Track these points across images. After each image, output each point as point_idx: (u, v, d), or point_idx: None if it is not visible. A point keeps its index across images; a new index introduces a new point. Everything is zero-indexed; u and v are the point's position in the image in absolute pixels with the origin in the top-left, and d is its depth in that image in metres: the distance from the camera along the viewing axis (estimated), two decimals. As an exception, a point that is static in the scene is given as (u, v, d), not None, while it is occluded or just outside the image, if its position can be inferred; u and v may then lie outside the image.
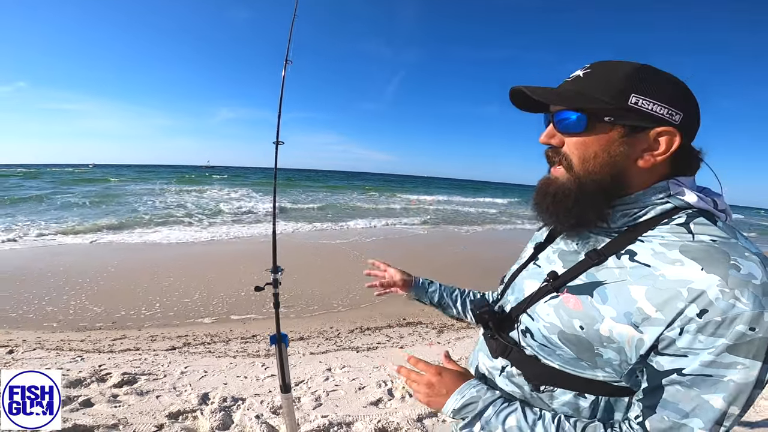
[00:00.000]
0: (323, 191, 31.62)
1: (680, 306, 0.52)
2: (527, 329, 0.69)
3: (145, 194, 21.55)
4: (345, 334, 4.26)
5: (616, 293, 0.59)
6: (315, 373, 3.14)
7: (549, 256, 0.76)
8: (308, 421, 2.36)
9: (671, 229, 0.60)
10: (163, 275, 6.01)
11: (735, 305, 0.50)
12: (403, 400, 2.74)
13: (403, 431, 2.30)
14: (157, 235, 9.82)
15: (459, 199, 34.42)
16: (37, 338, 3.78)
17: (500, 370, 0.74)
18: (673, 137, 0.59)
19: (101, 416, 2.28)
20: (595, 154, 0.62)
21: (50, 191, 20.32)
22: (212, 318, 4.55)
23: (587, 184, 0.63)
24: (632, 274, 0.59)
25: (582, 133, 0.63)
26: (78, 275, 5.78)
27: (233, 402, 2.57)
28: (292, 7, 1.80)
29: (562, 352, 0.64)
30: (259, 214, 14.96)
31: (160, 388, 2.75)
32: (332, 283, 6.04)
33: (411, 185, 53.22)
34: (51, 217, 12.20)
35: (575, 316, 0.62)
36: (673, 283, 0.54)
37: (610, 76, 0.61)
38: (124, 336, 3.94)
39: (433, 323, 4.70)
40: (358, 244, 9.73)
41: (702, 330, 0.51)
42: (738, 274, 0.51)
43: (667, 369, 0.54)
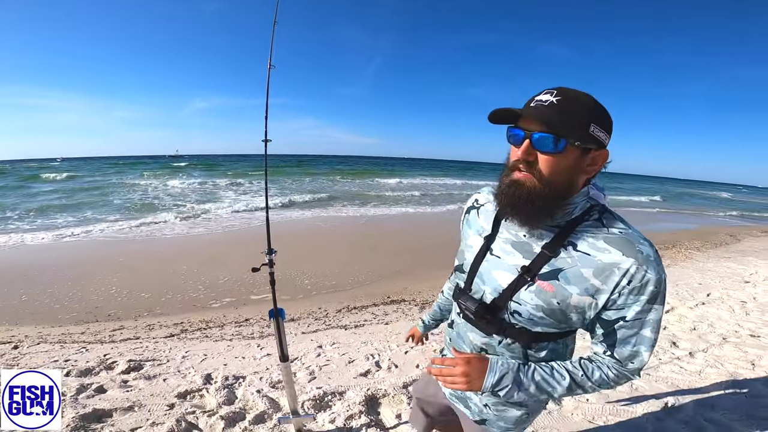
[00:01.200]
0: (302, 176, 31.47)
1: (616, 279, 0.81)
2: (516, 311, 0.92)
3: (121, 186, 21.15)
4: (333, 314, 4.57)
5: (574, 276, 0.85)
6: (308, 350, 3.44)
7: (503, 247, 0.96)
8: (305, 392, 2.65)
9: (593, 224, 0.86)
10: (149, 266, 6.17)
11: (645, 275, 0.80)
12: (389, 370, 3.06)
13: (390, 396, 2.61)
14: (143, 226, 9.84)
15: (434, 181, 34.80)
16: (38, 333, 3.94)
17: (498, 342, 0.98)
18: (606, 156, 0.85)
19: (117, 400, 2.50)
20: (561, 169, 0.82)
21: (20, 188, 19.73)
22: (203, 305, 4.79)
23: (555, 191, 0.83)
24: (580, 261, 0.84)
25: (555, 152, 0.80)
26: (68, 270, 5.88)
27: (235, 380, 2.83)
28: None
29: (545, 322, 0.90)
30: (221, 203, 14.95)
31: (165, 372, 3.00)
32: (320, 265, 6.31)
33: (392, 168, 53.21)
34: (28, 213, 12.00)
35: (551, 296, 0.87)
36: (608, 265, 0.82)
37: (579, 108, 0.80)
38: (122, 327, 4.15)
39: (415, 300, 5.05)
40: (340, 227, 9.99)
41: (631, 292, 0.81)
42: (642, 255, 0.80)
43: (614, 318, 0.85)
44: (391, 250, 7.61)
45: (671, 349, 3.40)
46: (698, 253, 8.44)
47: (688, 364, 3.11)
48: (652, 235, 10.49)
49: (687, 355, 3.28)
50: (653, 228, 12.59)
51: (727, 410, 2.44)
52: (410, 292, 5.24)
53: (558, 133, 0.79)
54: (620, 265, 0.80)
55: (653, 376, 2.89)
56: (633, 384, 2.74)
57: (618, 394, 2.62)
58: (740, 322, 4.09)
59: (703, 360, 3.18)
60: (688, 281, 5.86)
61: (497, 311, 0.94)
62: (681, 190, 53.45)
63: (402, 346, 3.48)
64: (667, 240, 9.93)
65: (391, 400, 2.58)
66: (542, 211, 0.85)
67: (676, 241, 9.76)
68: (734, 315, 4.31)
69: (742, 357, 3.24)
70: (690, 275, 6.28)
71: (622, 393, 2.64)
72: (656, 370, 2.98)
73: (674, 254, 8.26)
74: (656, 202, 26.21)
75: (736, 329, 3.87)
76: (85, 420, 2.22)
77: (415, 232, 10.08)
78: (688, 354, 3.30)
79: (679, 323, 4.07)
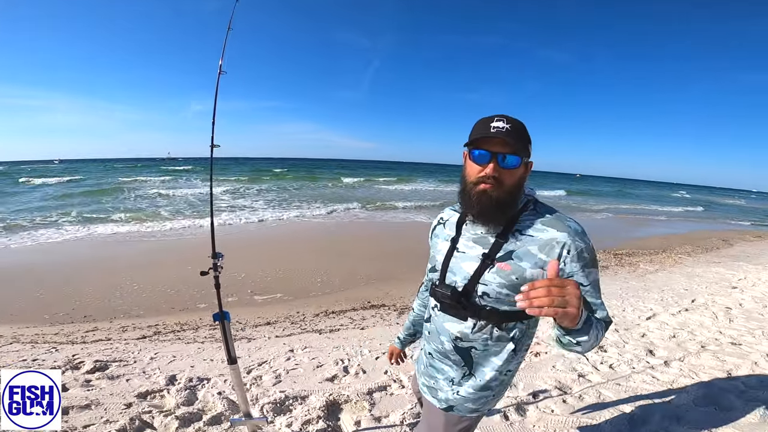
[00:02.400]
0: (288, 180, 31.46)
1: (557, 251, 1.01)
2: (484, 293, 1.08)
3: (118, 191, 21.20)
4: (310, 318, 4.54)
5: (524, 253, 1.04)
6: (278, 354, 3.40)
7: (466, 244, 1.14)
8: (267, 395, 2.61)
9: (530, 213, 1.09)
10: (131, 269, 6.14)
11: (578, 244, 1.01)
12: (357, 376, 3.02)
13: (353, 403, 2.57)
14: (126, 227, 9.83)
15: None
16: (13, 333, 3.92)
17: (473, 327, 1.12)
18: (531, 164, 1.10)
19: (75, 398, 2.48)
20: (518, 179, 1.06)
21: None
22: (182, 307, 4.76)
23: (514, 196, 1.06)
24: (526, 241, 1.04)
25: (517, 168, 1.04)
26: (51, 272, 5.87)
27: (198, 381, 2.81)
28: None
29: (510, 300, 1.05)
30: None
31: (130, 373, 2.97)
32: (301, 270, 6.29)
33: (392, 172, 53.28)
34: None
35: (510, 273, 1.04)
36: (548, 240, 1.02)
37: (523, 132, 1.03)
38: (96, 328, 4.13)
39: (395, 305, 5.01)
40: (329, 232, 9.97)
41: (573, 259, 1.00)
42: (571, 229, 1.02)
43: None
44: (378, 254, 7.59)
45: (646, 358, 3.35)
46: (688, 258, 8.38)
47: (662, 373, 3.06)
48: (641, 240, 10.45)
49: (662, 364, 3.23)
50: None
51: (692, 424, 2.38)
52: (391, 297, 5.21)
53: (519, 154, 1.02)
54: (557, 239, 1.01)
55: (623, 386, 2.84)
56: (600, 394, 2.69)
57: (583, 404, 2.57)
58: (722, 329, 4.03)
59: (678, 369, 3.13)
60: (674, 287, 5.82)
61: (469, 295, 1.10)
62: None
63: (373, 351, 3.44)
64: (657, 245, 9.87)
65: (353, 407, 2.54)
66: (504, 212, 1.06)
67: (666, 246, 9.70)
68: (717, 322, 4.25)
69: (718, 366, 3.18)
70: (677, 281, 6.23)
71: (588, 402, 2.60)
72: (627, 380, 2.93)
73: (663, 259, 8.20)
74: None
75: (717, 337, 3.82)
76: (37, 419, 2.20)
77: (404, 238, 10.05)
78: (663, 363, 3.25)
79: (659, 330, 4.02)
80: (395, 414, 2.42)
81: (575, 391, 2.75)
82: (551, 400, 2.62)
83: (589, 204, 24.74)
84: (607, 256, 8.44)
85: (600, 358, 3.33)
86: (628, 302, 5.13)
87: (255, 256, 7.24)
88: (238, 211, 13.43)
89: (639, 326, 4.16)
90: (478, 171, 1.04)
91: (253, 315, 4.63)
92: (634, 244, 10.10)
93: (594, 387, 2.81)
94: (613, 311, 4.73)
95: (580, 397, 2.66)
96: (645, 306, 4.91)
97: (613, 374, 3.03)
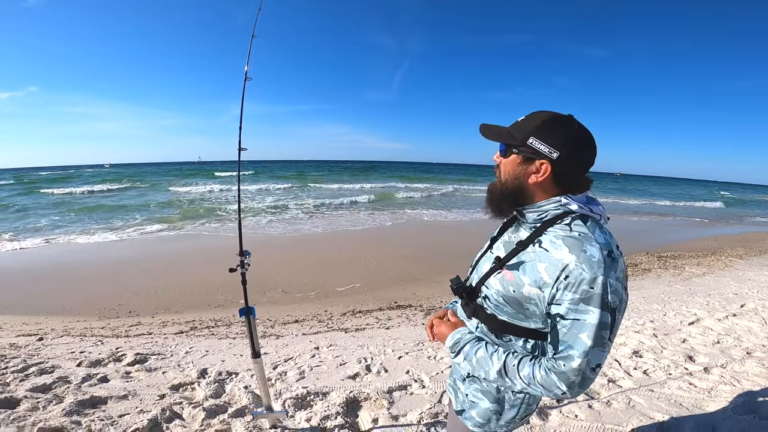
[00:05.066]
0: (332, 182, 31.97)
1: (557, 274, 0.86)
2: (486, 296, 1.04)
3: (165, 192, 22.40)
4: (337, 317, 4.63)
5: (531, 268, 0.93)
6: (304, 351, 3.49)
7: (498, 246, 1.10)
8: (290, 390, 2.70)
9: (561, 227, 0.93)
10: (177, 267, 6.50)
11: (581, 273, 0.83)
12: (378, 374, 3.05)
13: (372, 400, 2.61)
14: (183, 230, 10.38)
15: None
16: (64, 327, 4.27)
17: (475, 327, 1.09)
18: (548, 167, 0.92)
19: (114, 389, 2.68)
20: (508, 170, 1.00)
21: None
22: (218, 304, 4.99)
23: (505, 188, 1.00)
24: (539, 255, 0.92)
25: (504, 156, 1.00)
26: (103, 269, 6.32)
27: (227, 376, 2.94)
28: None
29: (507, 309, 0.99)
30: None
31: (166, 366, 3.16)
32: (339, 269, 6.41)
33: (428, 174, 53.07)
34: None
35: (510, 284, 0.96)
36: (556, 260, 0.88)
37: (528, 124, 0.95)
38: (139, 323, 4.41)
39: (422, 306, 5.01)
40: (360, 233, 10.07)
41: (566, 288, 0.85)
42: (584, 255, 0.85)
43: (554, 313, 0.88)
44: (410, 255, 7.60)
45: (685, 364, 3.17)
46: (740, 261, 7.80)
47: (700, 380, 2.89)
48: (689, 243, 9.83)
49: (701, 371, 3.04)
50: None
51: (728, 432, 2.25)
52: (417, 298, 5.21)
53: (505, 141, 0.99)
54: (563, 260, 0.86)
55: (656, 392, 2.71)
56: (630, 400, 2.58)
57: (610, 410, 2.47)
58: (773, 335, 3.75)
59: (719, 376, 2.94)
60: (722, 291, 5.44)
61: (474, 295, 1.09)
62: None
63: (396, 351, 3.46)
64: (706, 247, 9.25)
65: (372, 404, 2.57)
66: (495, 203, 1.03)
67: (717, 249, 9.07)
68: (766, 328, 3.95)
69: (763, 374, 2.97)
70: (726, 284, 5.83)
71: (616, 408, 2.50)
72: (661, 386, 2.79)
73: (713, 262, 7.68)
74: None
75: (765, 343, 3.55)
76: (80, 405, 2.41)
77: (439, 238, 9.98)
78: (702, 369, 3.06)
79: (702, 336, 3.79)
80: (413, 413, 2.43)
81: (603, 396, 2.65)
82: (576, 404, 2.53)
83: (628, 201, 23.52)
84: (651, 258, 8.01)
85: (634, 363, 3.18)
86: (670, 306, 4.86)
87: (289, 256, 7.46)
88: (278, 214, 13.83)
89: (680, 331, 3.94)
90: None
91: (282, 313, 4.79)
92: (682, 246, 9.52)
93: (624, 393, 2.69)
94: (653, 315, 4.50)
95: (607, 403, 2.56)
96: (688, 311, 4.63)
97: (647, 380, 2.90)
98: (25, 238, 9.25)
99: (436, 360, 3.26)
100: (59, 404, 2.40)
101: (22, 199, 19.59)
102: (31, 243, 8.64)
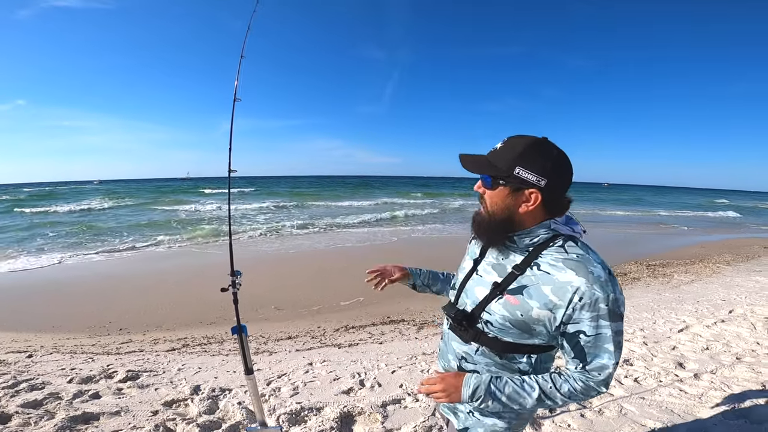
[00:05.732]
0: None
1: (569, 296, 0.91)
2: (488, 321, 1.04)
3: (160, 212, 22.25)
4: (330, 333, 4.62)
5: (536, 291, 0.96)
6: (297, 366, 3.48)
7: (485, 268, 1.10)
8: (284, 406, 2.69)
9: (555, 249, 0.98)
10: (168, 285, 6.45)
11: (595, 293, 0.90)
12: (372, 389, 3.05)
13: (366, 415, 2.60)
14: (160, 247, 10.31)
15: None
16: (53, 344, 4.21)
17: (476, 350, 1.08)
18: (537, 195, 0.96)
19: (107, 405, 2.66)
20: (496, 202, 1.01)
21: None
22: (210, 321, 4.95)
23: (494, 219, 1.02)
24: (541, 279, 0.96)
25: (491, 189, 1.01)
26: (93, 286, 6.25)
27: (221, 392, 2.92)
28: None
29: (513, 331, 1.01)
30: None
31: (159, 382, 3.13)
32: (325, 286, 6.40)
33: (425, 189, 53.31)
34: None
35: (516, 308, 0.98)
36: (563, 283, 0.92)
37: (509, 152, 0.96)
38: (130, 340, 4.36)
39: (414, 320, 5.02)
40: (352, 248, 10.08)
41: (583, 308, 0.91)
42: (593, 276, 0.91)
43: (573, 332, 0.94)
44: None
45: (675, 371, 3.21)
46: (727, 268, 7.93)
47: (691, 386, 2.93)
48: (677, 251, 9.99)
49: (691, 377, 3.09)
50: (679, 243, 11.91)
51: (720, 437, 2.28)
52: (410, 313, 5.22)
53: (489, 173, 1.00)
54: (572, 283, 0.91)
55: (647, 399, 2.74)
56: (622, 408, 2.61)
57: (602, 419, 2.50)
58: (761, 340, 3.81)
59: (709, 382, 2.98)
60: (711, 297, 5.53)
61: (473, 320, 1.07)
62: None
63: (390, 365, 3.46)
64: (694, 254, 9.39)
65: (366, 419, 2.57)
66: (487, 234, 1.05)
67: (704, 255, 9.21)
68: (755, 333, 4.02)
69: (753, 378, 3.02)
70: (714, 291, 5.92)
71: (608, 416, 2.52)
72: (653, 394, 2.82)
73: (700, 269, 7.80)
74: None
75: (754, 348, 3.61)
76: (73, 421, 2.40)
77: (429, 252, 10.03)
78: (692, 376, 3.11)
79: (691, 342, 3.85)
80: (407, 427, 2.44)
81: (595, 405, 2.68)
82: (568, 414, 2.55)
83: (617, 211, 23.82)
84: (639, 267, 8.11)
85: (625, 371, 3.22)
86: (660, 314, 4.92)
87: (279, 274, 7.44)
88: (271, 231, 13.79)
89: (670, 339, 3.99)
90: None
91: (275, 329, 4.76)
92: (670, 254, 9.66)
93: (616, 401, 2.72)
94: (643, 323, 4.55)
95: (599, 412, 2.59)
96: (678, 318, 4.70)
97: (638, 388, 2.93)
98: (13, 255, 9.14)
99: (429, 374, 3.27)
100: (51, 420, 2.38)
101: (3, 217, 19.33)
102: (22, 262, 8.53)
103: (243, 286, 2.06)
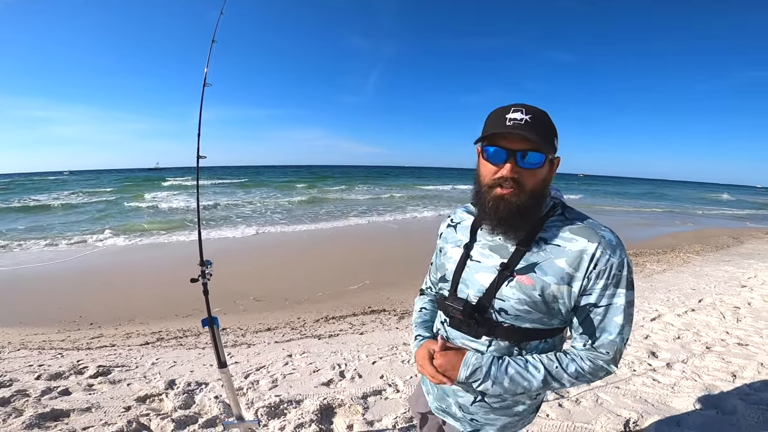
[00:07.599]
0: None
1: (585, 265, 0.86)
2: (501, 309, 0.93)
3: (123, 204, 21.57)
4: (310, 324, 4.57)
5: (549, 266, 0.89)
6: (276, 359, 3.43)
7: (482, 252, 0.99)
8: (263, 399, 2.64)
9: (558, 219, 0.93)
10: (141, 277, 6.26)
11: (609, 259, 0.86)
12: (352, 380, 3.03)
13: (346, 407, 2.58)
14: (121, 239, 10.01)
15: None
16: (21, 340, 4.03)
17: (488, 344, 0.96)
18: (558, 160, 0.94)
19: (77, 402, 2.55)
20: (541, 180, 0.90)
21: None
22: (185, 314, 4.83)
23: (537, 200, 0.91)
24: (552, 252, 0.90)
25: (540, 167, 0.88)
26: (62, 280, 6.01)
27: (197, 386, 2.85)
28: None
29: (531, 317, 0.92)
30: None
31: (131, 377, 3.03)
32: (304, 277, 6.33)
33: (404, 178, 53.33)
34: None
35: (531, 288, 0.90)
36: (577, 252, 0.87)
37: (546, 124, 0.88)
38: (102, 335, 4.21)
39: (395, 310, 5.01)
40: (328, 238, 10.01)
41: (598, 276, 0.86)
42: (605, 240, 0.87)
43: (584, 305, 0.89)
44: (384, 258, 7.61)
45: (648, 360, 3.30)
46: (697, 257, 8.22)
47: (663, 376, 3.01)
48: (649, 241, 10.29)
49: (664, 367, 3.17)
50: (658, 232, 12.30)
51: (692, 428, 2.33)
52: (391, 303, 5.21)
53: (542, 150, 0.87)
54: (587, 250, 0.86)
55: (622, 389, 2.80)
56: (598, 398, 2.66)
57: (579, 408, 2.54)
58: (729, 329, 3.95)
59: (680, 372, 3.07)
60: (681, 287, 5.71)
61: (484, 311, 0.95)
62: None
63: (371, 356, 3.45)
64: (665, 244, 9.70)
65: (346, 411, 2.55)
66: (528, 220, 0.91)
67: (675, 245, 9.52)
68: (724, 322, 4.17)
69: (723, 368, 3.12)
70: (685, 280, 6.12)
71: (585, 406, 2.57)
72: (627, 383, 2.89)
73: (671, 258, 8.06)
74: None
75: (723, 337, 3.74)
76: (42, 418, 2.30)
77: (411, 241, 10.05)
78: (665, 365, 3.19)
79: (663, 331, 3.96)
80: (388, 418, 2.43)
81: (572, 395, 2.72)
82: (546, 404, 2.59)
83: (597, 204, 24.41)
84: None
85: (600, 360, 3.29)
86: (634, 304, 5.06)
87: (259, 264, 7.33)
88: (247, 221, 13.56)
89: (642, 327, 4.10)
90: (493, 172, 0.90)
91: (254, 321, 4.68)
92: (643, 244, 9.95)
93: (592, 390, 2.77)
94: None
95: (576, 401, 2.63)
96: (650, 307, 4.83)
97: (612, 377, 2.99)
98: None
99: (410, 364, 3.27)
100: (19, 417, 2.28)
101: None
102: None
103: (221, 277, 1.99)
